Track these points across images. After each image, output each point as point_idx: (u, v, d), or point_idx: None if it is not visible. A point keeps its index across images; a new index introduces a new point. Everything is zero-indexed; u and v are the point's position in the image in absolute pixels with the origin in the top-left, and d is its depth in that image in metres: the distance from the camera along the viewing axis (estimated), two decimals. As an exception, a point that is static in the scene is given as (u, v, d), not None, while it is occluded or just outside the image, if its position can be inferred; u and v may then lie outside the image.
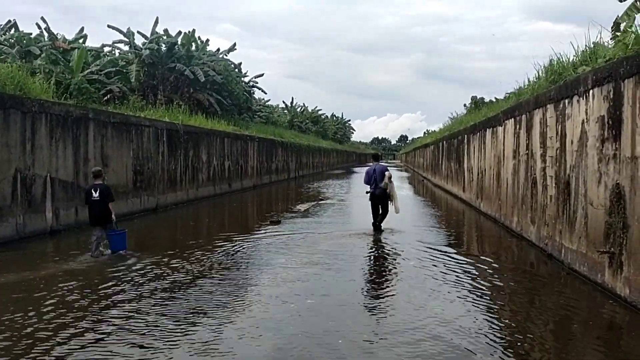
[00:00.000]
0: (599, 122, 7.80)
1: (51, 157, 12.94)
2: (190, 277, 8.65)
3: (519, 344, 5.90)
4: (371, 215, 13.60)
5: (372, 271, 9.79)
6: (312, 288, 8.12)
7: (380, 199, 13.38)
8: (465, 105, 56.62)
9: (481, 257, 10.83)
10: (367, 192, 13.67)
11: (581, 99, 8.52)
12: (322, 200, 23.35)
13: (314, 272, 9.14)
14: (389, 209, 13.51)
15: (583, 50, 10.03)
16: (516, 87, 15.45)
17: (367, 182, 13.71)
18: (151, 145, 17.99)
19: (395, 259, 10.59)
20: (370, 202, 13.59)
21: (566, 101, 9.27)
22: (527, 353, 5.69)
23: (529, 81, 14.06)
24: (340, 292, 7.99)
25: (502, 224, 14.31)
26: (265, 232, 13.48)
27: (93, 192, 10.15)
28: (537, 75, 12.98)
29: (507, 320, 6.67)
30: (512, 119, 13.37)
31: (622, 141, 6.98)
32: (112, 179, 15.38)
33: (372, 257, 10.94)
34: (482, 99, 51.97)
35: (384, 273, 9.63)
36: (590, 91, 8.12)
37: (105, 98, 24.18)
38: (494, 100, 27.62)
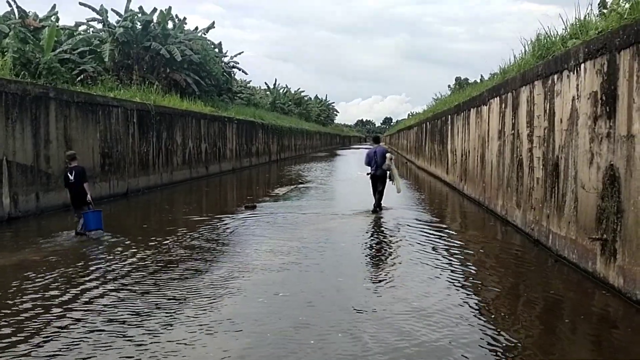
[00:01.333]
0: (591, 98, 7.20)
1: (7, 139, 12.06)
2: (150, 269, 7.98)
3: (502, 342, 5.33)
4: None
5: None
6: (286, 281, 7.51)
7: (381, 180, 13.68)
8: (449, 86, 56.18)
9: (464, 243, 10.29)
10: (367, 174, 13.92)
11: (572, 74, 7.91)
12: (302, 183, 22.68)
13: (288, 261, 8.52)
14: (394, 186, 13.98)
15: (572, 24, 9.42)
16: (501, 66, 14.85)
17: (367, 163, 13.93)
18: (120, 126, 17.11)
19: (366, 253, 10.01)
20: (371, 182, 13.89)
21: (555, 77, 8.66)
22: (508, 350, 5.14)
23: (514, 58, 13.49)
24: (307, 289, 7.39)
25: (487, 207, 13.79)
26: (237, 218, 12.82)
27: (69, 175, 10.21)
28: (523, 51, 12.40)
29: (491, 315, 6.10)
30: (497, 98, 12.77)
31: (617, 118, 6.39)
32: (77, 162, 14.54)
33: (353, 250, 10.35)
34: (467, 79, 51.57)
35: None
36: (582, 65, 7.50)
37: (79, 78, 23.10)
38: (479, 80, 27.09)
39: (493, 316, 6.05)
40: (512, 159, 11.31)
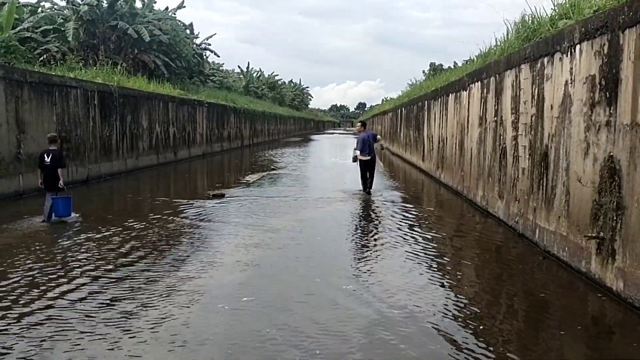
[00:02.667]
0: (587, 83, 6.58)
1: (-53, 121, 11.00)
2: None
3: (480, 351, 4.71)
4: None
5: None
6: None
7: (371, 165, 14.04)
8: (424, 71, 55.73)
9: (443, 235, 9.70)
10: (354, 159, 14.24)
11: (565, 56, 7.29)
12: (274, 170, 21.88)
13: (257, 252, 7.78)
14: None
15: (562, 4, 8.80)
16: (482, 50, 14.23)
17: (361, 149, 14.01)
18: (80, 109, 16.01)
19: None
20: (360, 168, 14.18)
21: (545, 60, 8.04)
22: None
23: (496, 41, 12.88)
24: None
25: (465, 197, 13.24)
26: (204, 206, 12.02)
27: (45, 156, 10.06)
28: (505, 33, 11.78)
29: (468, 320, 5.48)
30: (479, 83, 12.15)
31: (620, 105, 5.78)
32: (31, 147, 13.54)
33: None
34: (441, 65, 51.20)
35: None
36: (577, 46, 6.88)
37: (41, 59, 21.74)
38: (453, 67, 26.51)
39: (475, 323, 5.43)
40: (495, 147, 10.72)
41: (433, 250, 8.52)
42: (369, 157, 13.91)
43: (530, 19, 10.20)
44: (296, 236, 9.41)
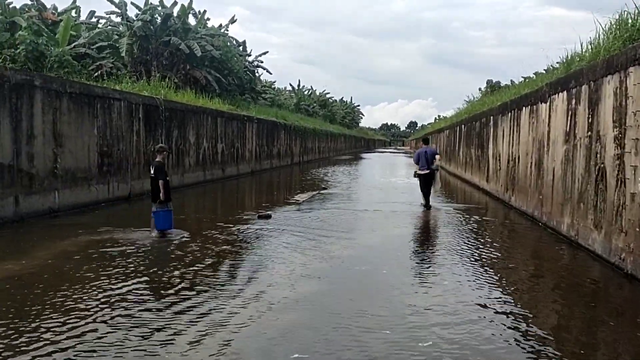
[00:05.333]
0: None
1: (-25, 131, 10.25)
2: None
3: None
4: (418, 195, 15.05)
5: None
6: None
7: (429, 179, 14.30)
8: (480, 89, 53.59)
9: (526, 271, 8.09)
10: (415, 174, 14.74)
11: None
12: (325, 189, 20.58)
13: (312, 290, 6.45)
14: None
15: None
16: (562, 57, 12.56)
17: (416, 162, 14.63)
18: (123, 122, 15.24)
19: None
20: (419, 181, 14.57)
21: (669, 59, 6.43)
22: None
23: (581, 47, 11.23)
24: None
25: (545, 224, 11.51)
26: (247, 230, 10.82)
27: (151, 168, 10.20)
28: (598, 36, 10.12)
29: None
30: (564, 93, 10.50)
31: None
32: (68, 162, 12.78)
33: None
34: (499, 82, 49.07)
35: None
36: None
37: (96, 74, 21.39)
38: (510, 84, 24.66)
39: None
40: (588, 167, 9.05)
41: (527, 287, 6.95)
42: (427, 171, 14.20)
43: (634, 16, 8.59)
44: (353, 271, 8.03)
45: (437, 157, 14.64)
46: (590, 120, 9.06)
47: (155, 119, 17.12)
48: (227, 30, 34.94)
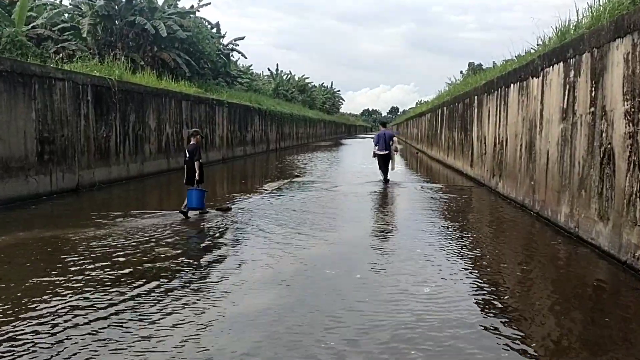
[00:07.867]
0: None
1: None
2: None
3: None
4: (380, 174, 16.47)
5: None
6: None
7: (387, 159, 15.97)
8: (461, 72, 52.45)
9: (521, 273, 6.81)
10: (374, 152, 16.23)
11: None
12: (299, 176, 19.17)
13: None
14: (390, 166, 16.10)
15: None
16: (556, 27, 11.22)
17: (376, 143, 16.11)
18: (67, 105, 13.60)
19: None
20: (377, 160, 16.25)
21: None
22: None
23: (577, 15, 9.93)
24: None
25: (537, 213, 10.28)
26: (205, 220, 9.41)
27: (186, 152, 10.44)
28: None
29: None
30: (561, 64, 9.18)
31: None
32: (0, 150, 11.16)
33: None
34: (480, 64, 47.95)
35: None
36: None
37: (58, 57, 19.62)
38: (492, 67, 23.35)
39: None
40: (591, 149, 7.77)
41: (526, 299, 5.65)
42: (385, 152, 15.86)
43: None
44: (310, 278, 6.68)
45: (395, 139, 16.17)
46: (593, 94, 7.77)
47: (108, 101, 15.49)
48: (199, 11, 33.18)
